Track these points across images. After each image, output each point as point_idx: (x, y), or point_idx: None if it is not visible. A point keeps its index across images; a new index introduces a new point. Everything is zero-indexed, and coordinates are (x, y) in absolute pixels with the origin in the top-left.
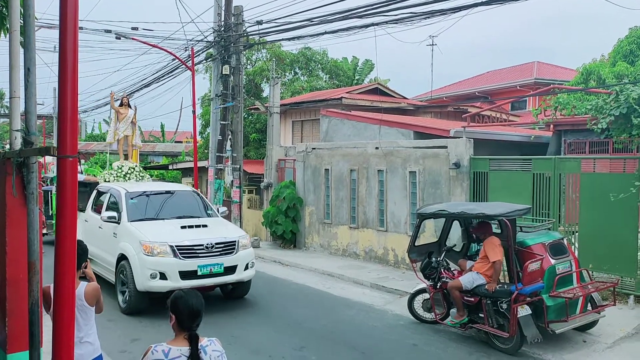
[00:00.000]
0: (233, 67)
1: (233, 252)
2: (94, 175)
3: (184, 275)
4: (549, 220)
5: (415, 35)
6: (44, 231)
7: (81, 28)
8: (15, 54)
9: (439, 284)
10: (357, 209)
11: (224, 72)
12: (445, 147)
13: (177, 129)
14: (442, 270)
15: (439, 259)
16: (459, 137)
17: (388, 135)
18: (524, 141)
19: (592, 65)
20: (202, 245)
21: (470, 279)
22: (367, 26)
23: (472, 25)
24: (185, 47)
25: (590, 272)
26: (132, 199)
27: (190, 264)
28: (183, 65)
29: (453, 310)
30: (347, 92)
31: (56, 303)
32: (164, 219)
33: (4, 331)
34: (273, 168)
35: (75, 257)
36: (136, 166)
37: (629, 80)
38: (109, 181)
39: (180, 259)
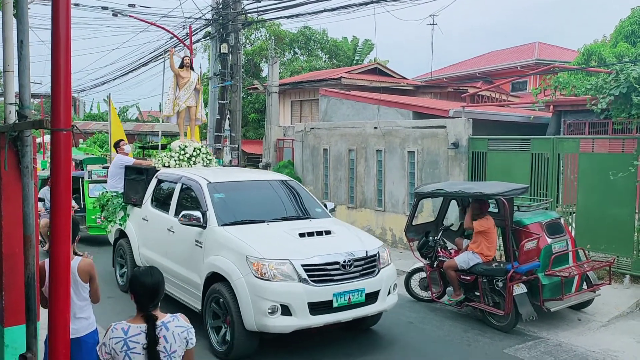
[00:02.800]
0: (231, 46)
1: (375, 271)
2: (150, 156)
3: (315, 308)
4: (546, 200)
5: (416, 13)
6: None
7: (77, 5)
8: (9, 26)
9: (435, 263)
10: (355, 189)
11: (222, 51)
12: (444, 127)
13: None
14: (438, 249)
15: (436, 238)
16: (457, 117)
17: (387, 115)
18: (523, 122)
19: (593, 46)
20: (337, 263)
21: (465, 258)
22: (366, 4)
23: (474, 5)
24: (183, 25)
25: (586, 252)
26: (217, 192)
27: (324, 292)
28: (181, 44)
29: (449, 289)
30: (346, 72)
31: (52, 276)
32: (265, 221)
33: (0, 305)
34: (272, 148)
35: (70, 230)
36: (202, 147)
37: (630, 59)
38: (168, 166)
39: (310, 284)
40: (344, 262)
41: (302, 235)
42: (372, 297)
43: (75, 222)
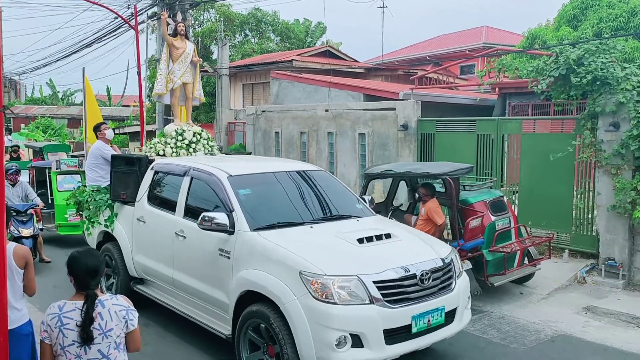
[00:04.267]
0: None
1: (452, 283)
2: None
3: (392, 335)
4: (490, 179)
5: None
6: (40, 226)
7: None
8: None
9: None
10: None
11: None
12: (394, 109)
13: (124, 92)
14: None
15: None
16: (407, 100)
17: (338, 97)
18: (470, 104)
19: (537, 30)
20: (414, 276)
21: None
22: None
23: None
24: (128, 5)
25: (528, 228)
26: (242, 188)
27: (402, 315)
28: (127, 25)
29: None
30: (297, 55)
31: None
32: (305, 222)
33: None
34: (223, 131)
35: (4, 214)
36: (203, 131)
37: (569, 42)
38: (162, 154)
39: (384, 306)
40: (422, 275)
41: (360, 241)
42: (450, 316)
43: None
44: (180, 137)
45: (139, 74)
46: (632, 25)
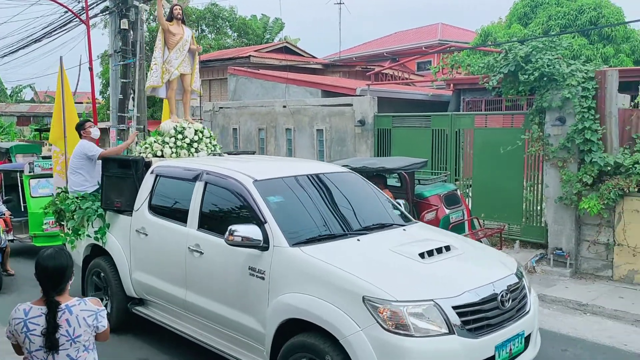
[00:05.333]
0: (132, 22)
1: (527, 303)
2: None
3: None
4: (444, 173)
5: None
6: (9, 237)
7: None
8: None
9: None
10: None
11: (122, 27)
12: (351, 105)
13: (76, 88)
14: None
15: None
16: (364, 96)
17: (296, 94)
18: (426, 99)
19: (489, 27)
20: (494, 298)
21: None
22: None
23: None
24: None
25: (480, 220)
26: (272, 195)
27: (485, 346)
28: (78, 19)
29: None
30: (255, 51)
31: None
32: (348, 234)
33: None
34: None
35: None
36: (204, 128)
37: (518, 39)
38: (161, 155)
39: (466, 335)
40: (501, 293)
41: (422, 256)
42: (527, 342)
43: None
44: (180, 136)
45: (91, 69)
46: (579, 22)
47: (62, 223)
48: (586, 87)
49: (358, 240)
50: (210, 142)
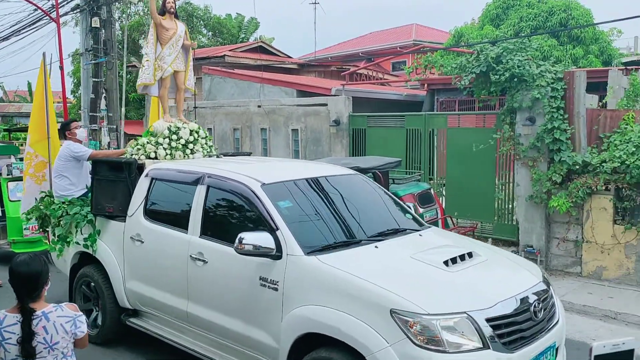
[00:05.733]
0: (104, 20)
1: (556, 312)
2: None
3: None
4: (418, 172)
5: None
6: None
7: None
8: None
9: None
10: None
11: (93, 25)
12: (326, 105)
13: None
14: None
15: None
16: (339, 96)
17: (272, 93)
18: (401, 99)
19: (463, 28)
20: (527, 309)
21: None
22: None
23: None
24: None
25: (454, 219)
26: (281, 199)
27: None
28: (48, 17)
29: None
30: (230, 50)
31: None
32: (363, 241)
33: None
34: None
35: None
36: (200, 129)
37: (489, 40)
38: (154, 157)
39: (502, 349)
40: (534, 306)
41: (446, 263)
42: (556, 354)
43: None
44: (175, 137)
45: (61, 68)
46: (549, 24)
47: (47, 230)
48: (555, 87)
49: (376, 247)
50: (206, 143)
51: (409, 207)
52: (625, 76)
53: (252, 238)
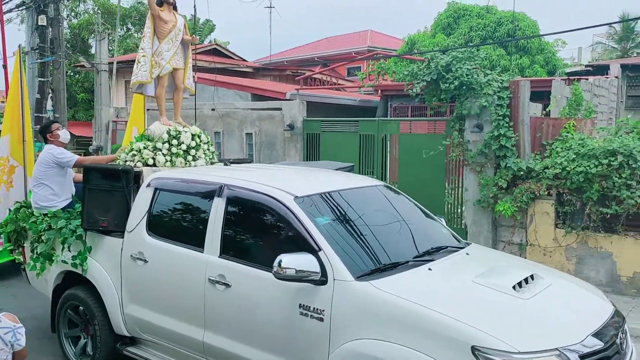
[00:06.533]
0: (51, 18)
1: (629, 343)
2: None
3: None
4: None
5: None
6: None
7: None
8: None
9: None
10: None
11: (40, 23)
12: (280, 109)
13: None
14: None
15: None
16: (293, 100)
17: (226, 97)
18: (355, 104)
19: (415, 36)
20: (612, 341)
21: None
22: None
23: None
24: None
25: None
26: (319, 215)
27: None
28: None
29: None
30: None
31: None
32: (411, 262)
33: None
34: (103, 130)
35: None
36: (202, 133)
37: (440, 49)
38: (152, 164)
39: None
40: (620, 337)
41: (514, 288)
42: None
43: None
44: (175, 142)
45: (5, 67)
46: (498, 34)
47: (23, 245)
48: (501, 96)
49: (430, 270)
50: (208, 149)
51: (442, 221)
52: (568, 86)
53: (293, 261)
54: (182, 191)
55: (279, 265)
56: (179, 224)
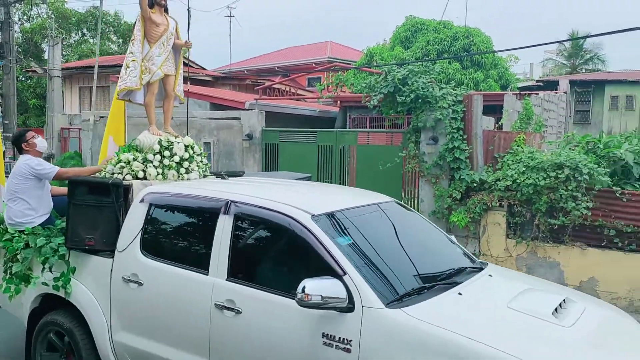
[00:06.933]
0: (1, 22)
1: None
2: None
3: None
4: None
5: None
6: None
7: None
8: None
9: None
10: None
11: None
12: (239, 118)
13: None
14: None
15: None
16: (252, 110)
17: (184, 105)
18: (314, 115)
19: (375, 48)
20: None
21: None
22: None
23: None
24: None
25: None
26: (339, 235)
27: None
28: None
29: None
30: None
31: None
32: (441, 286)
33: None
34: (55, 137)
35: None
36: (195, 144)
37: (396, 62)
38: (143, 177)
39: None
40: None
41: (554, 314)
42: None
43: None
44: (167, 153)
45: None
46: (454, 49)
47: None
48: (456, 109)
49: (460, 294)
50: (201, 161)
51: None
52: (519, 100)
53: (319, 286)
54: (181, 207)
55: (303, 291)
56: (179, 243)
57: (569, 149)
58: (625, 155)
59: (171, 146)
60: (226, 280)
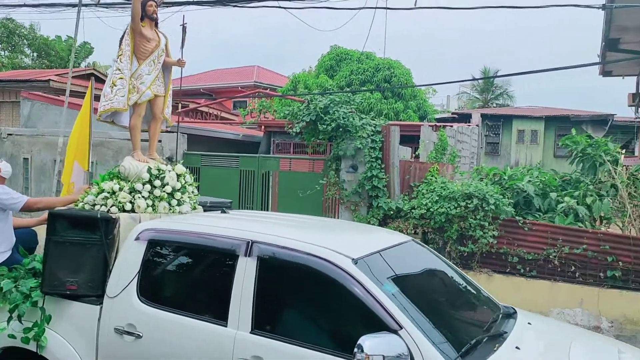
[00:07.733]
0: None
1: None
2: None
3: None
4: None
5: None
6: None
7: None
8: None
9: None
10: None
11: None
12: (160, 140)
13: None
14: None
15: None
16: (173, 132)
17: (101, 125)
18: (238, 139)
19: (300, 75)
20: None
21: None
22: (73, 5)
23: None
24: None
25: None
26: (385, 282)
27: None
28: None
29: None
30: (57, 75)
31: None
32: (495, 339)
33: None
34: None
35: None
36: (187, 173)
37: (318, 91)
38: (130, 210)
39: None
40: None
41: None
42: None
43: None
44: (159, 182)
45: None
46: (376, 79)
47: None
48: (374, 139)
49: (517, 348)
50: (192, 192)
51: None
52: (435, 132)
53: (379, 345)
54: (188, 247)
55: (361, 350)
56: (187, 289)
57: (479, 180)
58: (526, 187)
59: (162, 175)
60: (250, 332)
